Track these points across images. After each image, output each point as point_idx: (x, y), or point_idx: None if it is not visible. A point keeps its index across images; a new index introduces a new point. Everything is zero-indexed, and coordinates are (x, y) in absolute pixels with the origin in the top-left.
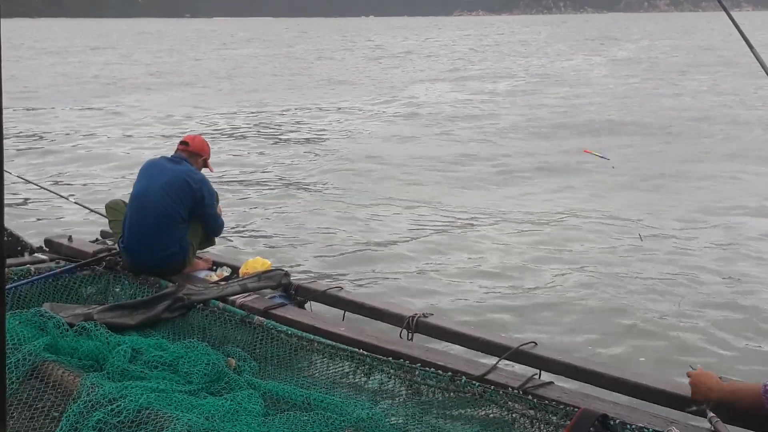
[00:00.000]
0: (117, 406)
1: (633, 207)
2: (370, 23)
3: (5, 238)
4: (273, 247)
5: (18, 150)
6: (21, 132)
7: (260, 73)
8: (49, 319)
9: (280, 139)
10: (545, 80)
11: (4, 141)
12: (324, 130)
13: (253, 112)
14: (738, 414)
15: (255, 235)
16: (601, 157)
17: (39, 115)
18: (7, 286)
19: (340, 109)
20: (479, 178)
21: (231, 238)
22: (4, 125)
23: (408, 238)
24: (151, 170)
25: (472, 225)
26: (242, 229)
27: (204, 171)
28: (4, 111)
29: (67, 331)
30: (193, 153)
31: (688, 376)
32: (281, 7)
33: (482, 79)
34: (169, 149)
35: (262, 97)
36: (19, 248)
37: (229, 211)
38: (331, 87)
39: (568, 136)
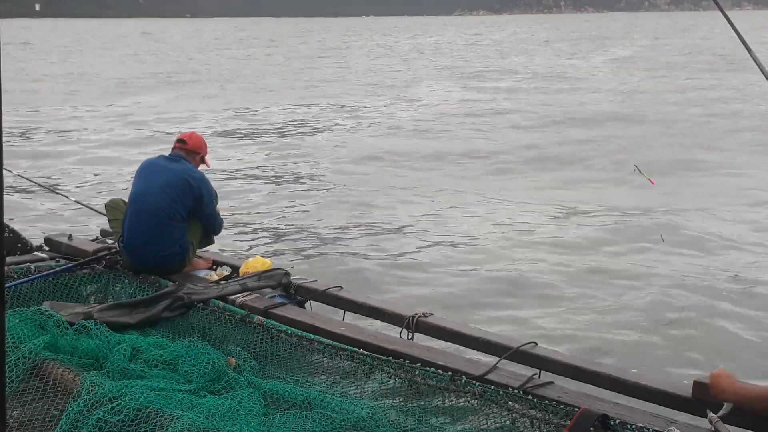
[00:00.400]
0: (117, 405)
1: (637, 203)
2: (370, 23)
3: (6, 235)
4: (273, 246)
5: (19, 149)
6: (22, 131)
7: (262, 72)
8: (49, 317)
9: (281, 138)
10: (548, 78)
11: (5, 141)
12: (326, 129)
13: (254, 111)
14: (739, 414)
15: (255, 234)
16: (648, 179)
17: (40, 114)
18: (7, 285)
19: (343, 107)
20: (482, 176)
21: (231, 238)
22: (5, 126)
23: (408, 238)
24: (149, 170)
25: (474, 224)
26: (242, 228)
27: (201, 167)
28: (5, 112)
29: (67, 329)
30: (190, 151)
31: (711, 376)
32: (282, 6)
33: (485, 77)
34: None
35: (263, 96)
36: (19, 245)
37: (229, 211)
38: (334, 86)
39: (572, 134)
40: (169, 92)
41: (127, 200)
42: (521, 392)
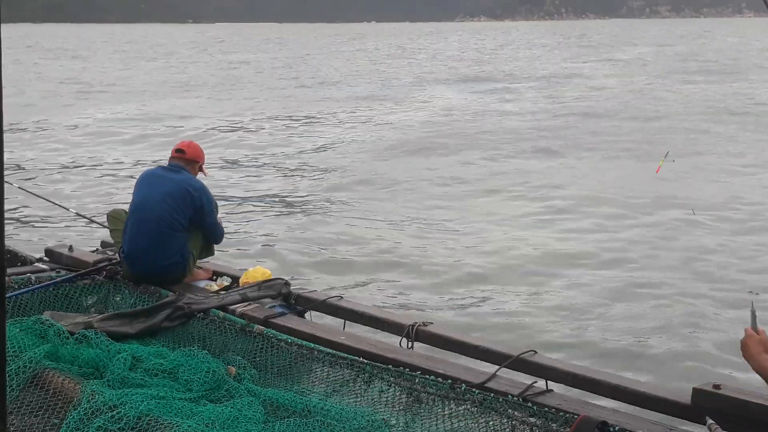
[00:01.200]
0: (117, 413)
1: (639, 204)
2: (372, 28)
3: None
4: (273, 256)
5: (19, 160)
6: (22, 139)
7: (259, 81)
8: (49, 327)
9: (282, 147)
10: (553, 82)
11: (6, 146)
12: (328, 137)
13: (253, 120)
14: (738, 421)
15: (255, 244)
16: (665, 159)
17: (40, 123)
18: (7, 295)
19: (346, 114)
20: (481, 184)
21: (231, 248)
22: (7, 129)
23: (408, 247)
24: (150, 180)
25: (474, 233)
26: (243, 239)
27: (198, 176)
28: (9, 115)
29: (68, 339)
30: (189, 160)
31: (746, 335)
32: (283, 12)
33: (489, 80)
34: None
35: (262, 105)
36: (18, 264)
37: (229, 221)
38: (335, 90)
39: (578, 131)
40: (170, 99)
41: (128, 210)
42: (521, 400)
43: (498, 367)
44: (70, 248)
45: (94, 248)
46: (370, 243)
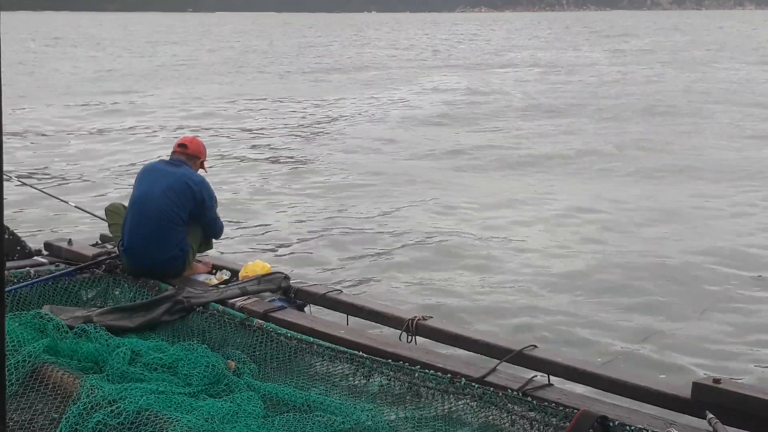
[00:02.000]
0: (116, 408)
1: (639, 202)
2: (374, 19)
3: (6, 237)
4: (273, 250)
5: (18, 152)
6: (21, 134)
7: (260, 69)
8: (48, 321)
9: (281, 141)
10: (556, 71)
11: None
12: (327, 129)
13: (253, 111)
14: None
15: (255, 238)
16: None
17: (39, 116)
18: (6, 289)
19: (346, 105)
20: (482, 176)
21: (231, 242)
22: (5, 129)
23: (408, 241)
24: (151, 174)
25: (474, 227)
26: (242, 232)
27: (199, 172)
28: (5, 115)
29: (67, 333)
30: (191, 155)
31: None
32: (283, 2)
33: (492, 69)
34: (167, 151)
35: (262, 93)
36: (18, 248)
37: (229, 215)
38: (336, 77)
39: (576, 133)
40: (170, 88)
41: (126, 205)
42: (521, 394)
43: (498, 361)
44: (70, 242)
45: (94, 242)
46: (371, 237)
